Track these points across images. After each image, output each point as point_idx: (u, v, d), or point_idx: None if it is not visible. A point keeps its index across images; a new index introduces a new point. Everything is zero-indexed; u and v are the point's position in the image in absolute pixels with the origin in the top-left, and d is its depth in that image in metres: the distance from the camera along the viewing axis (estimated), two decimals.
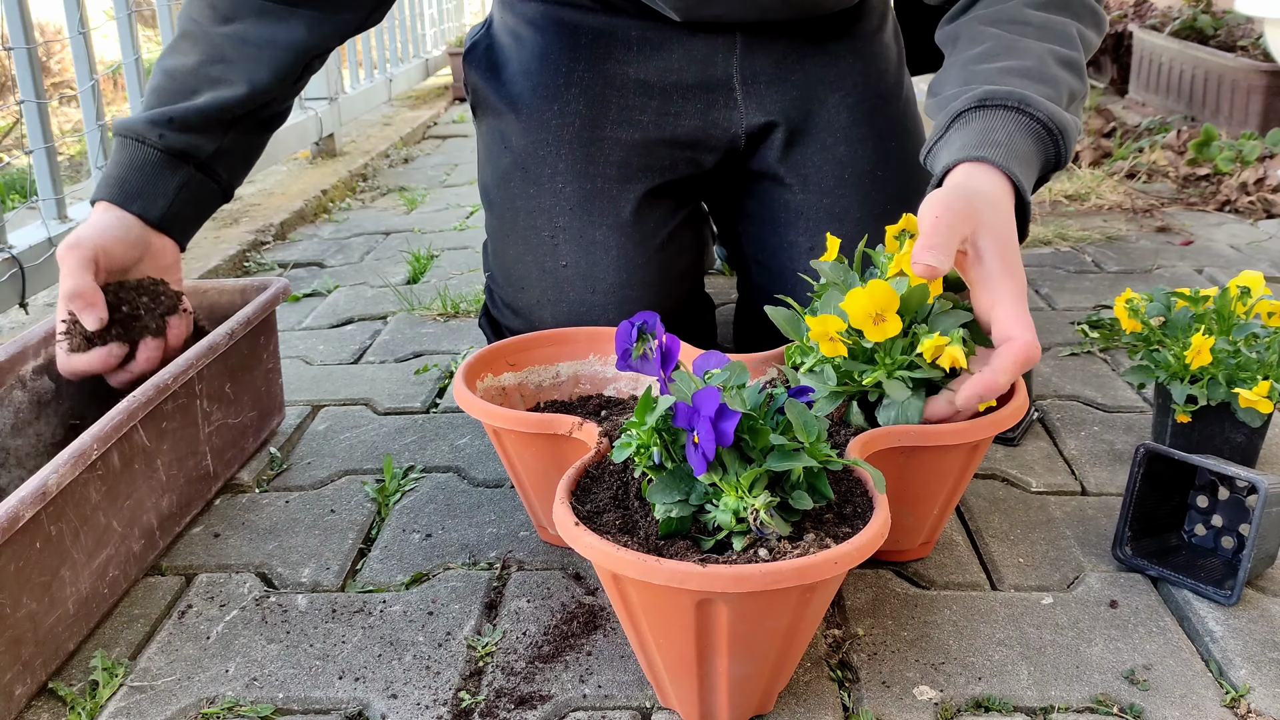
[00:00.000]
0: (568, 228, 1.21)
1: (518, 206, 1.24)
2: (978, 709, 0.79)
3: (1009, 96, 0.93)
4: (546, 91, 1.25)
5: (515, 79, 1.27)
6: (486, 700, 0.81)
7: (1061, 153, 0.95)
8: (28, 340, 1.09)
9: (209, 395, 1.08)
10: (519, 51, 1.28)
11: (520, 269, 1.23)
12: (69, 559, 0.86)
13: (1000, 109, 0.93)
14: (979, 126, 0.93)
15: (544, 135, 1.24)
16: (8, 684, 0.80)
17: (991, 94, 0.94)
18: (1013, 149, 0.91)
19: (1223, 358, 1.04)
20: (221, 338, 1.07)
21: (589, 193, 1.22)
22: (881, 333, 0.82)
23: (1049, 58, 0.98)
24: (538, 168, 1.23)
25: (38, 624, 0.83)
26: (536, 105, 1.25)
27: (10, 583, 0.79)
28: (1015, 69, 0.97)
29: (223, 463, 1.13)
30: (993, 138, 0.92)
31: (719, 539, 0.72)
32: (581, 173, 1.22)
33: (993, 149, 0.90)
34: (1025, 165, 0.92)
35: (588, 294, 1.20)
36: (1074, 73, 1.00)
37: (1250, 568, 0.90)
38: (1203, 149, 2.42)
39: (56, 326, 1.04)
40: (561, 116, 1.24)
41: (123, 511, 0.94)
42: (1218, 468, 0.91)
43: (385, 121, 3.39)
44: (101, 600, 0.92)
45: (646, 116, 1.24)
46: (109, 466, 0.92)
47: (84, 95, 1.79)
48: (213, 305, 1.23)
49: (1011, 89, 0.94)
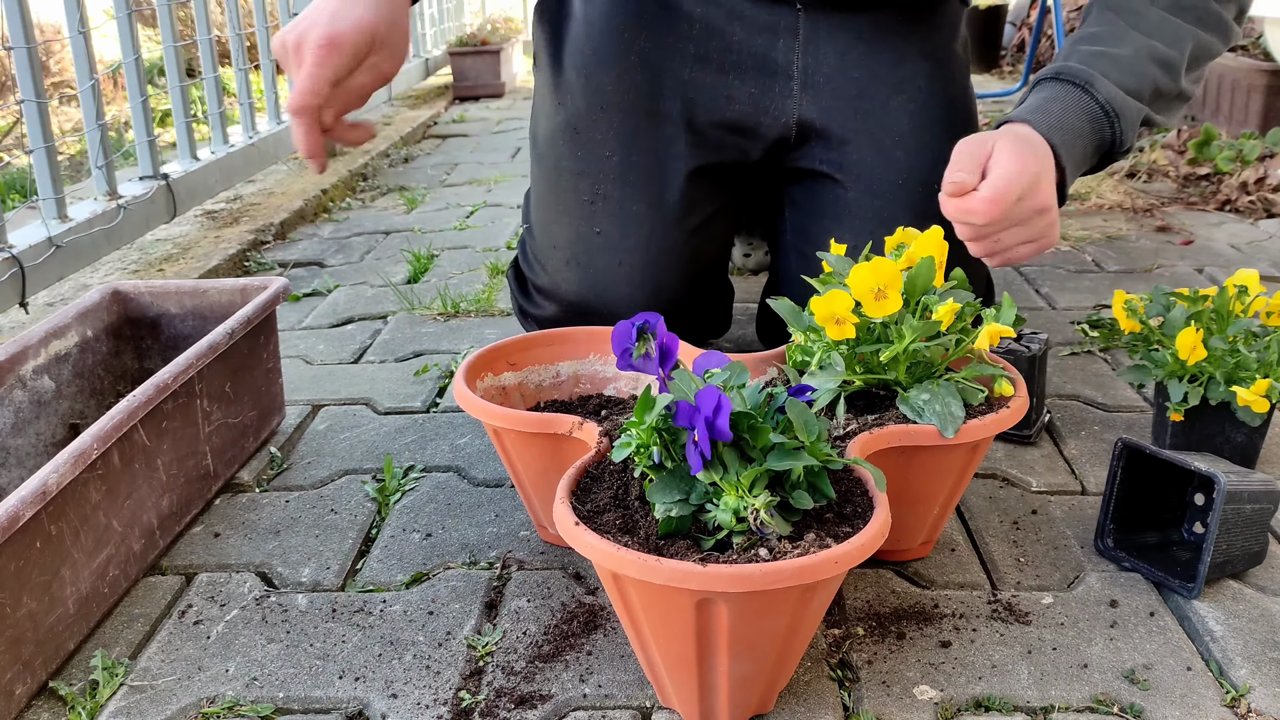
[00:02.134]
0: (609, 195, 1.22)
1: (563, 166, 1.24)
2: (978, 709, 0.79)
3: (1078, 75, 1.03)
4: (607, 56, 1.24)
5: (579, 38, 1.27)
6: (486, 700, 0.81)
7: (1118, 137, 1.03)
8: (28, 340, 1.09)
9: (209, 395, 1.08)
10: (586, 10, 1.28)
11: (557, 227, 1.24)
12: (69, 558, 0.86)
13: (1068, 84, 1.03)
14: (1044, 95, 1.03)
15: (599, 100, 1.24)
16: (8, 683, 0.81)
17: (1065, 69, 1.04)
18: (1062, 121, 1.01)
19: (1221, 356, 1.04)
20: (221, 337, 1.07)
21: (635, 165, 1.22)
22: (881, 309, 0.82)
23: (1145, 52, 1.05)
24: (589, 130, 1.23)
25: (38, 623, 0.83)
26: (596, 69, 1.25)
27: (10, 582, 0.79)
28: (1107, 54, 1.04)
29: (223, 462, 1.13)
30: (1048, 107, 1.02)
31: (719, 538, 0.72)
32: (630, 144, 1.22)
33: (1042, 116, 1.01)
34: (1070, 138, 1.01)
35: (614, 264, 1.21)
36: (1167, 72, 1.05)
37: (1221, 563, 0.91)
38: (1203, 148, 2.42)
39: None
40: (619, 84, 1.23)
41: (123, 511, 0.94)
42: (1182, 462, 0.91)
43: (385, 121, 3.39)
44: (102, 600, 0.92)
45: (701, 95, 1.24)
46: (109, 466, 0.92)
47: (84, 95, 1.79)
48: (213, 305, 1.23)
49: (1084, 68, 1.03)
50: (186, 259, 1.94)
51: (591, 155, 1.23)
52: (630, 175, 1.22)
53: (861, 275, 0.82)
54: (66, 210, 1.71)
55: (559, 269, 1.23)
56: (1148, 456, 0.95)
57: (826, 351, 0.88)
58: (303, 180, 2.53)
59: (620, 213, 1.21)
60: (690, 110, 1.23)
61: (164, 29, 2.12)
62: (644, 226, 1.21)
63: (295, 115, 0.93)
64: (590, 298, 1.21)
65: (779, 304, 0.92)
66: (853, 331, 0.83)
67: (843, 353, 0.87)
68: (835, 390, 0.87)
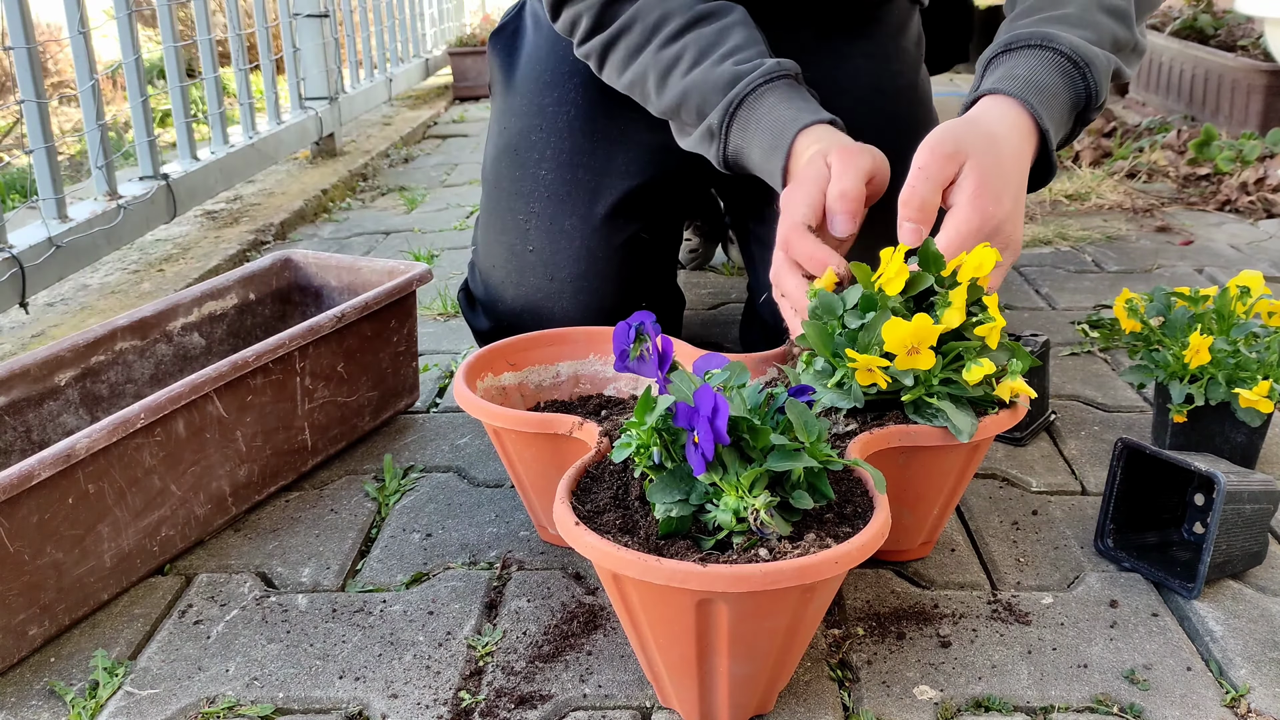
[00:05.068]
0: (541, 214, 1.23)
1: (503, 187, 1.27)
2: (978, 709, 0.79)
3: (1031, 36, 0.96)
4: (549, 78, 1.27)
5: (525, 62, 1.30)
6: (486, 700, 0.81)
7: (1093, 87, 0.96)
8: (180, 299, 1.16)
9: (314, 373, 1.12)
10: (535, 35, 1.30)
11: (495, 248, 1.26)
12: (109, 516, 0.92)
13: (1024, 49, 0.96)
14: (1004, 68, 0.96)
15: (538, 121, 1.26)
16: (20, 624, 0.86)
17: (1015, 38, 0.97)
18: (1033, 81, 0.94)
19: (1222, 358, 1.04)
20: (328, 320, 1.10)
21: (569, 182, 1.24)
22: (912, 364, 0.81)
23: (1092, 6, 0.99)
24: (527, 151, 1.26)
25: (63, 572, 0.88)
26: (538, 90, 1.27)
27: (32, 533, 0.85)
28: (1052, 18, 0.98)
29: (326, 439, 1.16)
30: (1013, 73, 0.95)
31: (719, 539, 0.72)
32: (565, 162, 1.24)
33: (1010, 82, 0.94)
34: (1047, 97, 0.94)
35: (546, 281, 1.22)
36: (1119, 20, 1.00)
37: (1221, 563, 0.91)
38: (1203, 149, 2.41)
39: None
40: (559, 104, 1.25)
41: (185, 477, 0.99)
42: (1182, 462, 0.91)
43: (385, 121, 3.39)
44: (149, 557, 0.97)
45: (641, 114, 1.24)
46: (171, 434, 0.96)
47: (84, 95, 1.79)
48: (366, 282, 1.29)
49: (1035, 30, 0.97)
50: (186, 259, 1.94)
51: (528, 174, 1.25)
52: (563, 192, 1.23)
53: (898, 333, 0.80)
54: (66, 210, 1.71)
55: (496, 285, 1.25)
56: (1148, 456, 0.95)
57: (848, 376, 0.86)
58: (302, 180, 2.53)
59: (552, 229, 1.23)
60: (633, 126, 1.24)
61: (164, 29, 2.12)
62: (575, 241, 1.22)
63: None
64: (525, 314, 1.23)
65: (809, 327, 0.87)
66: (883, 383, 0.83)
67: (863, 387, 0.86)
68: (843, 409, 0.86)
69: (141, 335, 1.15)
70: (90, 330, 1.11)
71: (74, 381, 1.08)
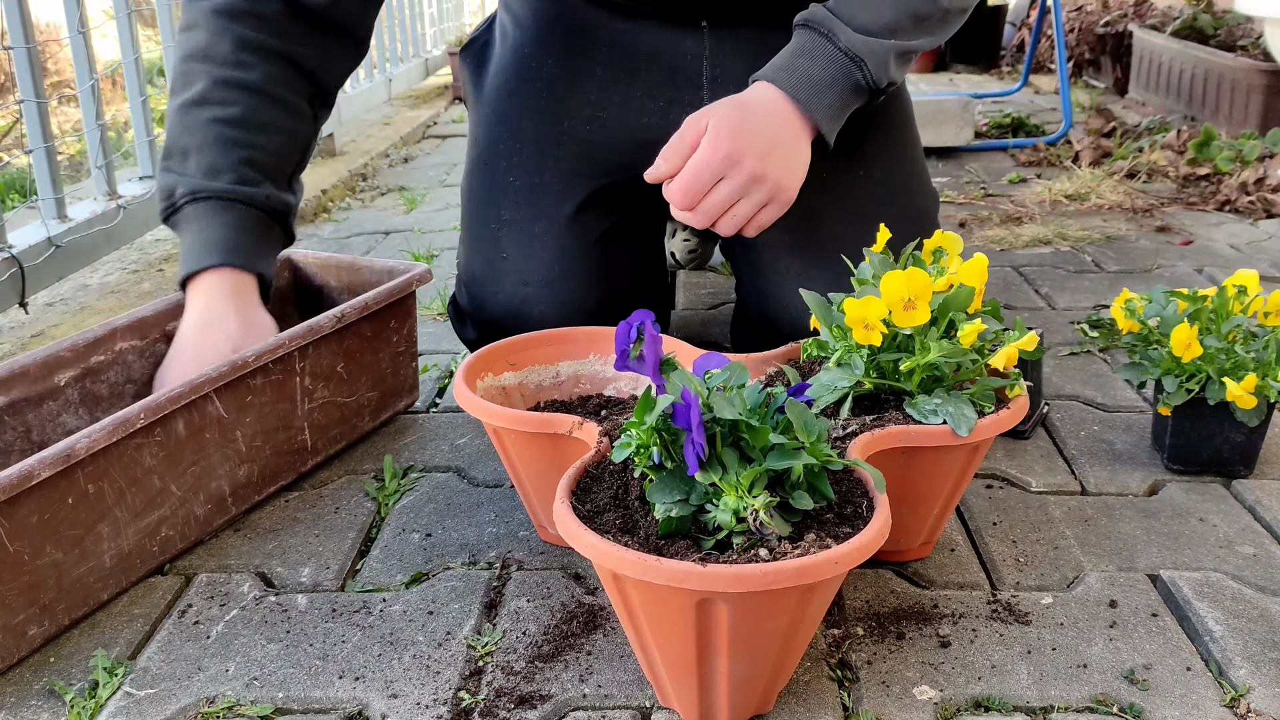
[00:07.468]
0: (511, 220, 1.24)
1: (475, 198, 1.28)
2: (978, 709, 0.79)
3: (823, 23, 1.05)
4: (513, 86, 1.28)
5: (492, 75, 1.31)
6: (486, 700, 0.81)
7: (869, 79, 1.05)
8: (180, 299, 1.16)
9: (313, 373, 1.11)
10: (501, 48, 1.32)
11: (474, 259, 1.26)
12: (109, 516, 0.92)
13: (814, 32, 1.05)
14: (795, 45, 1.06)
15: (503, 129, 1.27)
16: (20, 624, 0.86)
17: (814, 15, 1.06)
18: (808, 77, 1.04)
19: (1214, 353, 1.04)
20: (327, 320, 1.10)
21: (536, 186, 1.24)
22: (910, 319, 0.83)
23: None
24: (495, 161, 1.27)
25: (63, 572, 0.88)
26: (502, 100, 1.28)
27: (32, 533, 0.85)
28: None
29: (326, 439, 1.16)
30: (793, 63, 1.05)
31: (719, 539, 0.72)
32: (533, 167, 1.25)
33: (787, 74, 1.04)
34: (816, 91, 1.04)
35: (521, 286, 1.22)
36: None
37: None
38: (1203, 149, 2.42)
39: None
40: (523, 111, 1.26)
41: (184, 477, 0.99)
42: None
43: (385, 121, 3.39)
44: (149, 557, 0.97)
45: (610, 113, 1.25)
46: (170, 434, 0.96)
47: (84, 95, 1.79)
48: (365, 282, 1.28)
49: (829, 15, 1.05)
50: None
51: (496, 183, 1.26)
52: (531, 197, 1.24)
53: (894, 284, 0.82)
54: (66, 210, 1.71)
55: (478, 296, 1.25)
56: None
57: (848, 352, 0.88)
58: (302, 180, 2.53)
59: (522, 235, 1.23)
60: (599, 129, 1.25)
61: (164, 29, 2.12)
62: (547, 246, 1.23)
63: None
64: (507, 320, 1.22)
65: (810, 296, 0.92)
66: (880, 339, 0.84)
67: (863, 356, 0.88)
68: (845, 390, 0.87)
69: (141, 335, 1.15)
70: (90, 330, 1.11)
71: (74, 381, 1.08)
